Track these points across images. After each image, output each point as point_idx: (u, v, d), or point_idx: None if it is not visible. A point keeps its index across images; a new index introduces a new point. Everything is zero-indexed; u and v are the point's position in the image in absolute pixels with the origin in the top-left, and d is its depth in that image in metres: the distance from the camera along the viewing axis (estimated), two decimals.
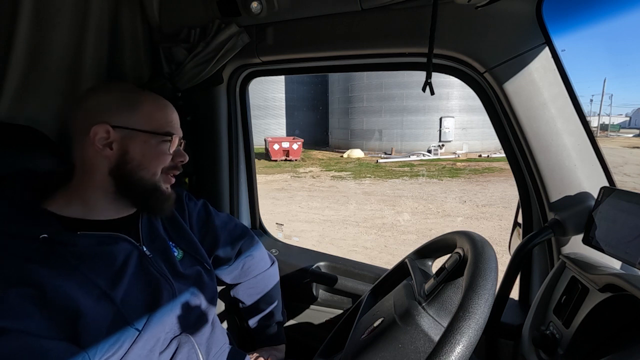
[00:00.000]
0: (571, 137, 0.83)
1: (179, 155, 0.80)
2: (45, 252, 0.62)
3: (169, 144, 0.77)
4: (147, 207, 0.78)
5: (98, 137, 0.70)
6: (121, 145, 0.72)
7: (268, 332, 1.05)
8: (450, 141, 15.21)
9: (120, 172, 0.73)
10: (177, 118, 0.81)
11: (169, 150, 0.77)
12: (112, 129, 0.71)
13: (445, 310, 0.62)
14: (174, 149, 0.79)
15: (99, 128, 0.70)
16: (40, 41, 0.90)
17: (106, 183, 0.73)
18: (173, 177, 0.81)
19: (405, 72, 11.44)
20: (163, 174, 0.78)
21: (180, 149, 0.81)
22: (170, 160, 0.78)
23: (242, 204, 1.37)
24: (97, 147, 0.70)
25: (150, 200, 0.76)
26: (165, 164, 0.77)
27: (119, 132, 0.72)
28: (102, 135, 0.70)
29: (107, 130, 0.70)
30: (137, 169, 0.73)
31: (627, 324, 0.63)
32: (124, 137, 0.72)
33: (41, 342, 0.56)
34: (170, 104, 0.81)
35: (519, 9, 0.81)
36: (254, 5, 1.00)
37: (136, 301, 0.70)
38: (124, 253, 0.72)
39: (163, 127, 0.76)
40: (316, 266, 1.24)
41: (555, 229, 0.81)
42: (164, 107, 0.79)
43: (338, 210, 6.92)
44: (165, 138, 0.76)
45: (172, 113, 0.80)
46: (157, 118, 0.76)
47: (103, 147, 0.71)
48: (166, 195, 0.79)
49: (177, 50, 1.06)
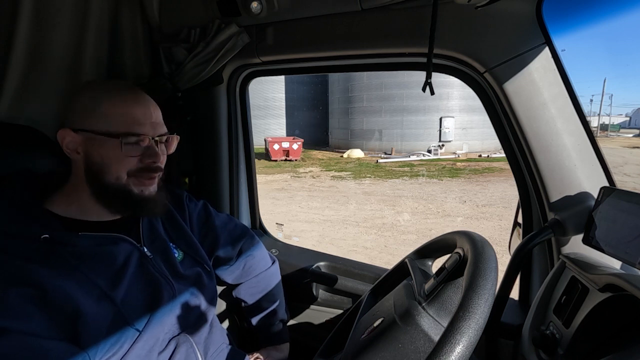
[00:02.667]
0: (571, 137, 0.83)
1: (148, 156, 0.72)
2: (46, 252, 0.63)
3: (132, 145, 0.70)
4: (122, 211, 0.75)
5: (66, 141, 0.69)
6: (85, 149, 0.70)
7: (271, 331, 1.05)
8: (450, 141, 15.20)
9: (89, 177, 0.71)
10: (150, 114, 0.73)
11: (131, 152, 0.70)
12: (74, 133, 0.69)
13: (445, 310, 0.62)
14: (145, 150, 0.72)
15: (64, 132, 0.69)
16: (40, 41, 0.90)
17: (86, 187, 0.71)
18: (151, 179, 0.74)
19: (405, 72, 11.45)
20: (132, 177, 0.72)
21: (155, 148, 0.73)
22: (137, 162, 0.72)
23: (242, 204, 1.37)
24: (67, 152, 0.70)
25: (122, 204, 0.73)
26: (128, 166, 0.71)
27: (81, 136, 0.69)
28: (68, 140, 0.69)
29: (70, 134, 0.69)
30: (100, 174, 0.70)
31: (627, 324, 0.63)
32: (85, 141, 0.69)
33: (41, 342, 0.56)
34: (140, 100, 0.73)
35: (519, 9, 0.81)
36: (254, 5, 1.00)
37: (136, 301, 0.70)
38: (124, 253, 0.72)
39: (124, 127, 0.69)
40: (316, 266, 1.24)
41: (555, 229, 0.81)
42: (128, 105, 0.71)
43: (338, 210, 6.92)
44: (125, 139, 0.69)
45: (138, 109, 0.72)
46: (116, 118, 0.69)
47: (71, 152, 0.70)
48: (141, 199, 0.73)
49: (177, 50, 1.06)
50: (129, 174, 0.71)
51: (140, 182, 0.73)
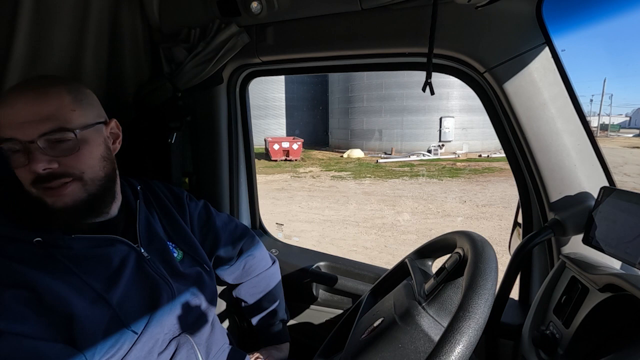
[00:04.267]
0: (571, 137, 0.83)
1: (29, 163, 0.60)
2: (40, 255, 0.62)
3: (10, 153, 0.60)
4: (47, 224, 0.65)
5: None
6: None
7: (272, 331, 1.05)
8: (450, 141, 15.20)
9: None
10: (17, 112, 0.60)
11: (16, 161, 0.61)
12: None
13: (445, 310, 0.62)
14: (23, 156, 0.60)
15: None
16: (40, 41, 0.90)
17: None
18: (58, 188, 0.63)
19: (405, 72, 11.43)
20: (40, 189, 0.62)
21: (33, 154, 0.60)
22: (28, 172, 0.61)
23: (242, 204, 1.37)
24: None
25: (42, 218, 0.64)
26: (26, 178, 0.62)
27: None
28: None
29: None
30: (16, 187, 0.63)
31: (627, 324, 0.63)
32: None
33: (36, 344, 0.56)
34: (10, 97, 0.61)
35: (519, 9, 0.81)
36: (254, 5, 1.00)
37: (134, 303, 0.69)
38: (120, 255, 0.71)
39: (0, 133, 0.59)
40: (316, 266, 1.24)
41: (555, 229, 0.81)
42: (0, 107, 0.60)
43: (338, 210, 6.91)
44: (3, 148, 0.60)
45: (4, 109, 0.60)
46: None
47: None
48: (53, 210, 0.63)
49: (177, 50, 1.06)
50: (34, 187, 0.62)
51: (49, 192, 0.63)
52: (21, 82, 0.66)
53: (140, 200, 0.82)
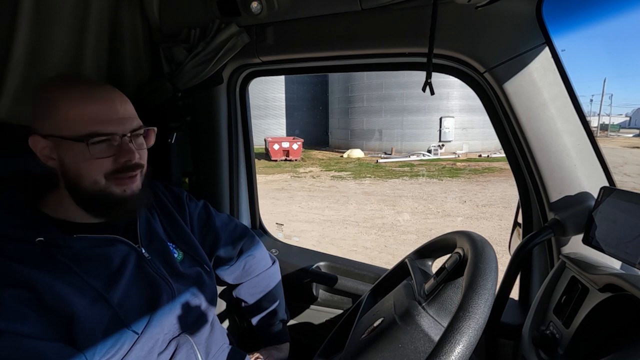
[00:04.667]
0: (571, 137, 0.83)
1: (123, 154, 0.67)
2: (41, 255, 0.62)
3: (101, 146, 0.65)
4: (106, 215, 0.72)
5: (37, 148, 0.65)
6: (57, 155, 0.66)
7: (272, 331, 1.05)
8: (450, 141, 15.20)
9: (67, 183, 0.68)
10: (116, 109, 0.67)
11: (101, 154, 0.65)
12: (42, 139, 0.65)
13: (445, 310, 0.62)
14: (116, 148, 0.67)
15: (32, 139, 0.65)
16: (40, 41, 0.90)
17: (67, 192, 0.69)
18: (132, 178, 0.70)
19: (405, 72, 11.44)
20: (111, 180, 0.68)
21: (129, 145, 0.68)
22: (113, 163, 0.67)
23: (242, 204, 1.37)
24: (43, 159, 0.66)
25: (105, 208, 0.70)
26: (104, 169, 0.66)
27: (50, 141, 0.65)
28: (40, 146, 0.65)
29: (40, 141, 0.65)
30: (77, 179, 0.66)
31: (627, 324, 0.63)
32: (55, 146, 0.65)
33: (37, 344, 0.56)
34: (102, 95, 0.67)
35: (519, 9, 0.81)
36: (254, 5, 1.00)
37: (134, 303, 0.70)
38: (120, 255, 0.71)
39: (86, 128, 0.64)
40: (316, 266, 1.24)
41: (555, 229, 0.81)
42: (89, 102, 0.65)
43: (338, 210, 6.91)
44: (91, 140, 0.64)
45: (100, 106, 0.66)
46: (76, 119, 0.64)
47: (47, 159, 0.66)
48: (123, 199, 0.69)
49: (177, 50, 1.06)
50: (106, 177, 0.67)
51: (121, 182, 0.69)
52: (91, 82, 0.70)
53: None
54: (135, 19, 1.10)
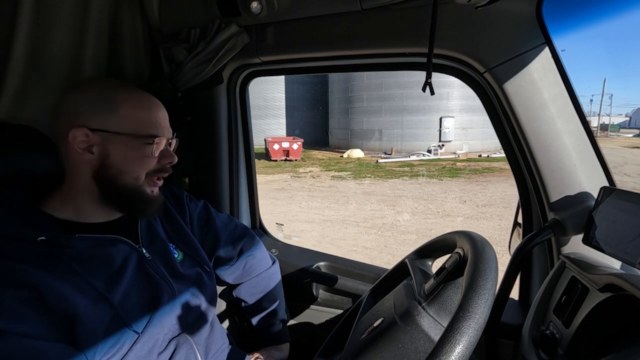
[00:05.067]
0: (571, 137, 0.83)
1: (166, 157, 0.76)
2: (43, 254, 0.62)
3: (153, 147, 0.73)
4: (131, 211, 0.76)
5: (77, 140, 0.68)
6: (101, 149, 0.69)
7: (272, 331, 1.05)
8: (450, 141, 15.20)
9: (102, 177, 0.70)
10: (165, 117, 0.77)
11: (154, 153, 0.73)
12: (90, 132, 0.68)
13: (445, 310, 0.62)
14: (161, 151, 0.75)
15: (78, 132, 0.67)
16: (40, 41, 0.90)
17: (91, 187, 0.71)
18: (160, 179, 0.78)
19: (405, 72, 11.45)
20: (147, 178, 0.74)
21: (169, 149, 0.77)
22: (156, 163, 0.75)
23: (242, 204, 1.37)
24: (77, 151, 0.68)
25: (134, 204, 0.74)
26: (149, 167, 0.74)
27: (99, 135, 0.69)
28: (81, 139, 0.68)
29: (86, 134, 0.68)
30: (118, 174, 0.70)
31: (627, 324, 0.63)
32: (104, 141, 0.69)
33: (38, 344, 0.56)
34: (156, 103, 0.76)
35: (519, 9, 0.81)
36: (254, 5, 1.00)
37: (135, 303, 0.70)
38: (122, 255, 0.71)
39: (146, 129, 0.72)
40: (316, 266, 1.24)
41: (555, 229, 0.81)
42: (147, 106, 0.74)
43: (338, 210, 6.92)
44: (148, 140, 0.72)
45: (158, 112, 0.75)
46: (139, 119, 0.71)
47: (83, 151, 0.68)
48: (151, 199, 0.75)
49: (177, 50, 1.06)
50: (146, 176, 0.74)
51: (153, 182, 0.76)
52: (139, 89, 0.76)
53: None
54: (135, 19, 1.09)
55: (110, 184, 0.71)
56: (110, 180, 0.70)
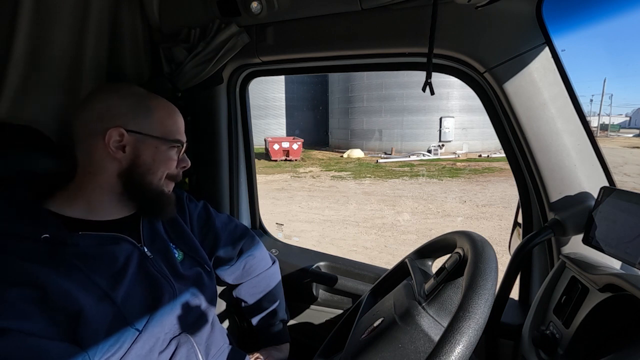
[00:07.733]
0: (571, 137, 0.83)
1: (183, 161, 0.83)
2: (47, 252, 0.62)
3: (177, 150, 0.80)
4: (151, 210, 0.80)
5: (112, 139, 0.72)
6: (134, 149, 0.74)
7: (272, 331, 1.05)
8: (450, 141, 15.20)
9: (129, 175, 0.74)
10: (183, 124, 0.84)
11: (176, 157, 0.80)
12: (126, 133, 0.72)
13: (445, 310, 0.62)
14: (182, 155, 0.82)
15: (114, 131, 0.71)
16: (41, 41, 0.90)
17: (113, 184, 0.74)
18: (172, 182, 0.83)
19: (405, 72, 11.45)
20: (166, 180, 0.80)
21: (184, 155, 0.83)
22: (176, 166, 0.81)
23: (242, 204, 1.37)
24: (111, 150, 0.72)
25: (154, 203, 0.79)
26: (171, 169, 0.80)
27: (133, 137, 0.73)
28: (116, 138, 0.72)
29: (122, 134, 0.72)
30: (146, 173, 0.75)
31: (627, 324, 0.63)
32: (137, 142, 0.74)
33: (41, 342, 0.56)
34: (178, 111, 0.83)
35: (519, 9, 0.81)
36: (254, 5, 1.00)
37: (137, 301, 0.70)
38: (124, 254, 0.72)
39: (173, 134, 0.79)
40: (316, 266, 1.24)
41: (555, 229, 0.81)
42: (174, 113, 0.81)
43: (338, 210, 6.92)
44: (175, 144, 0.79)
45: (181, 120, 0.82)
46: (168, 124, 0.78)
47: (116, 150, 0.72)
48: (169, 198, 0.81)
49: (177, 50, 1.06)
50: (167, 176, 0.80)
51: (169, 184, 0.82)
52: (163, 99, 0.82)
53: None
54: (135, 19, 1.09)
55: (137, 182, 0.75)
56: (138, 179, 0.75)
